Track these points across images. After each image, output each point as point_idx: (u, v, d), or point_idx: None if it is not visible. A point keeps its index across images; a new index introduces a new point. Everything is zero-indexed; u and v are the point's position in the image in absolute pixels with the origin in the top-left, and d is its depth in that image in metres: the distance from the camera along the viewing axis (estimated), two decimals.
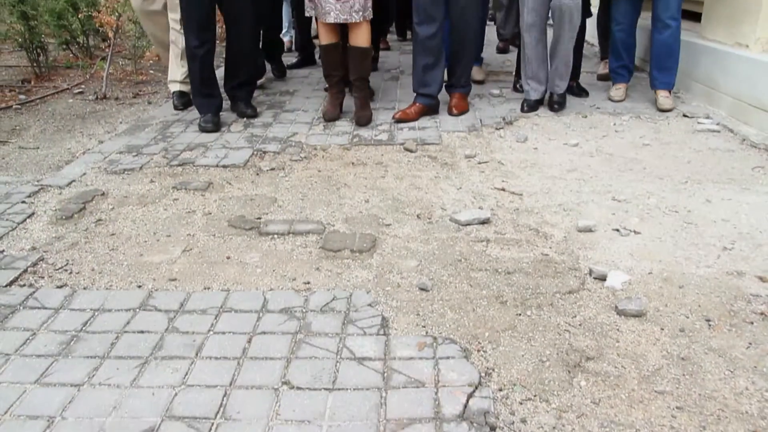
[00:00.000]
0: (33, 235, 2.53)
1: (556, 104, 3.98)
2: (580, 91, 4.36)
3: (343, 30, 3.78)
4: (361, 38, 3.73)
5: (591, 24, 4.45)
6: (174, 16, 4.05)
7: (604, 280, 2.13)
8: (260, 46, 4.54)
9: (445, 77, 4.03)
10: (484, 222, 2.55)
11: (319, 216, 2.64)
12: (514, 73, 4.63)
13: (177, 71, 4.26)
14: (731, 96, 3.84)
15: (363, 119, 3.81)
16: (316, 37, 4.44)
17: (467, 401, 1.57)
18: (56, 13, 5.11)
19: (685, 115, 3.88)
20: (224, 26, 4.00)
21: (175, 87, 4.33)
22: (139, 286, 2.15)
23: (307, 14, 3.80)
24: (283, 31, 5.92)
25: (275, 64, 5.03)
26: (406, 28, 6.68)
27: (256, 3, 3.86)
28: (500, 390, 1.63)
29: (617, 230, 2.48)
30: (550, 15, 3.83)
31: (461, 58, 3.90)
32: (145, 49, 5.65)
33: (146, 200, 2.83)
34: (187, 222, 2.62)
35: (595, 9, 4.57)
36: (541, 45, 3.83)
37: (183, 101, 4.26)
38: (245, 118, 3.95)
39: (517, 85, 4.39)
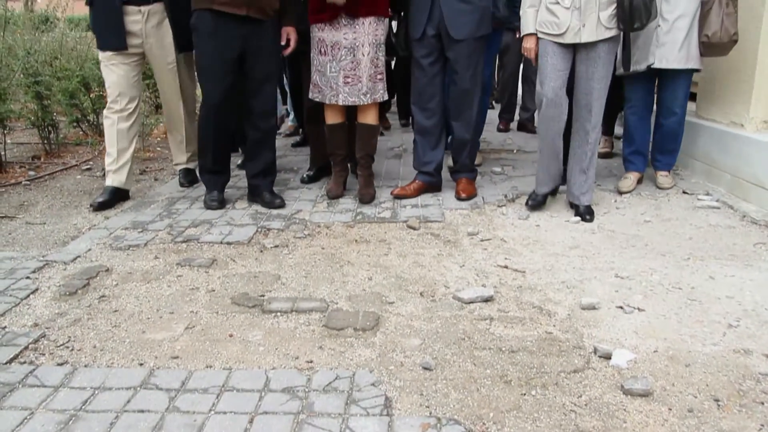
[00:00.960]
0: (36, 311, 2.53)
1: (588, 215, 3.53)
2: None
3: (348, 108, 3.87)
4: (369, 116, 3.83)
5: None
6: (176, 101, 4.15)
7: (609, 358, 2.11)
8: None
9: (450, 162, 4.08)
10: (488, 300, 2.55)
11: (323, 294, 2.64)
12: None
13: (182, 155, 4.35)
14: (729, 173, 3.90)
15: (366, 197, 3.85)
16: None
17: None
18: (69, 93, 5.26)
19: (684, 192, 3.93)
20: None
21: (181, 165, 4.39)
22: (141, 364, 2.13)
23: (311, 97, 3.87)
24: (290, 115, 6.01)
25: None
26: (409, 110, 6.74)
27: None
28: None
29: (621, 307, 2.48)
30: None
31: (465, 141, 3.92)
32: (152, 127, 5.79)
33: (150, 276, 2.84)
34: (191, 299, 2.62)
35: None
36: (560, 137, 3.57)
37: (189, 179, 4.32)
38: (270, 209, 3.78)
39: None
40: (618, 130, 4.96)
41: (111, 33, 3.79)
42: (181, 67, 4.08)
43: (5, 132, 5.08)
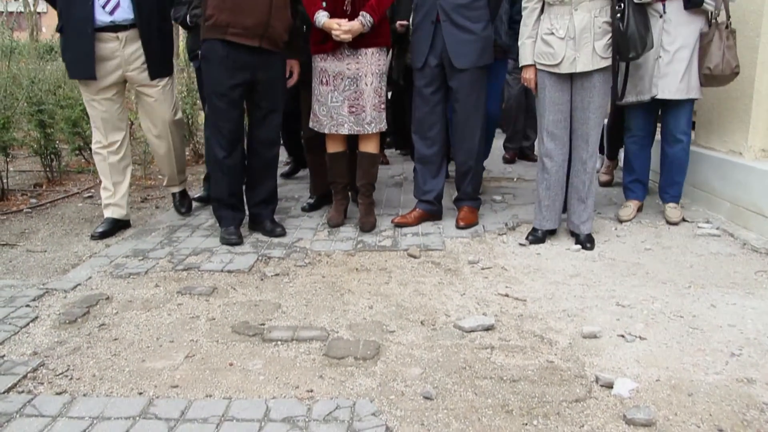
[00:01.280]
0: (35, 339, 2.52)
1: (589, 244, 3.53)
2: None
3: (348, 137, 3.90)
4: (371, 145, 3.85)
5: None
6: (162, 125, 3.98)
7: (611, 387, 2.10)
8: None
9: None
10: (489, 328, 2.54)
11: (323, 322, 2.63)
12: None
13: (174, 181, 4.28)
14: (729, 201, 3.91)
15: (367, 225, 3.86)
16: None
17: None
18: (72, 121, 5.29)
19: (685, 220, 3.93)
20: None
21: (174, 189, 4.31)
22: (140, 393, 2.12)
23: (310, 126, 3.89)
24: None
25: None
26: (407, 140, 6.68)
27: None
28: None
29: (622, 336, 2.47)
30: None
31: (467, 170, 3.94)
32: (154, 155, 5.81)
33: (150, 305, 2.84)
34: (191, 327, 2.61)
35: None
36: (562, 171, 3.58)
37: (186, 204, 4.29)
38: (271, 237, 3.77)
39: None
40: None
41: (81, 61, 3.64)
42: (167, 93, 3.95)
43: (8, 160, 5.11)
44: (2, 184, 4.84)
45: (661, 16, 3.67)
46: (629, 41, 3.23)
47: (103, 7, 3.60)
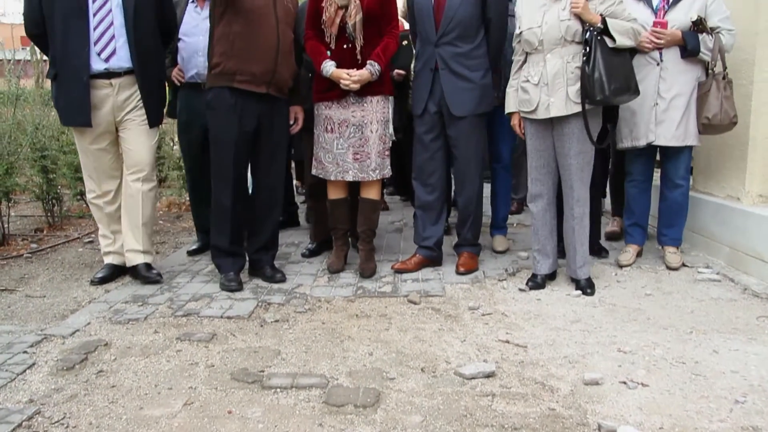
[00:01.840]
0: (32, 386, 2.50)
1: (589, 289, 3.51)
2: (600, 251, 4.20)
3: (349, 183, 3.93)
4: (372, 191, 3.88)
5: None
6: (139, 177, 3.74)
7: None
8: None
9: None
10: (489, 375, 2.52)
11: (323, 369, 2.61)
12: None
13: (138, 238, 3.79)
14: (728, 246, 3.92)
15: (367, 271, 3.86)
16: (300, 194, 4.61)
17: None
18: (74, 167, 5.34)
19: (685, 265, 3.93)
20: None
21: (137, 258, 3.80)
22: None
23: (314, 173, 3.93)
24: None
25: None
26: (408, 186, 6.61)
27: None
28: None
29: (624, 383, 2.45)
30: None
31: (467, 216, 3.96)
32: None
33: (149, 351, 2.82)
34: (190, 374, 2.59)
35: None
36: (549, 214, 3.64)
37: (153, 273, 3.82)
38: (271, 283, 3.76)
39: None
40: None
41: (76, 108, 3.56)
42: (153, 137, 3.83)
43: (10, 205, 5.14)
44: (3, 229, 4.86)
45: (658, 64, 3.74)
46: (595, 84, 3.24)
47: (99, 54, 3.57)
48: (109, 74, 3.61)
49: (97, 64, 3.57)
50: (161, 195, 5.92)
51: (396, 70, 4.50)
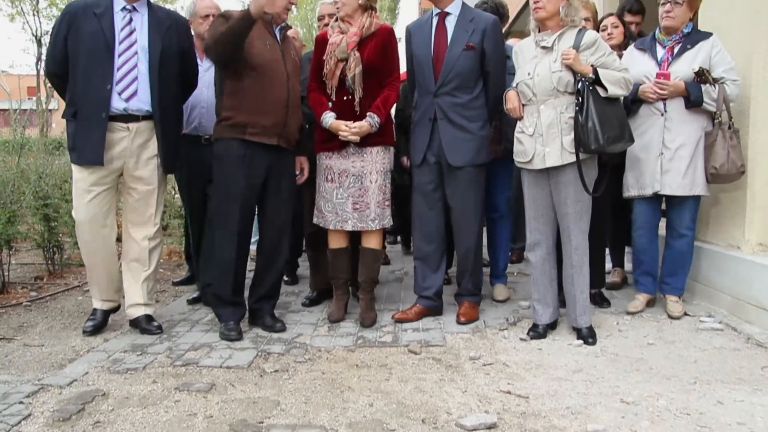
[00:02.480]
0: None
1: (591, 339, 3.49)
2: (602, 301, 4.18)
3: (350, 232, 3.93)
4: (373, 241, 3.89)
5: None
6: (144, 230, 3.75)
7: None
8: None
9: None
10: (491, 427, 2.49)
11: (323, 420, 2.58)
12: None
13: (140, 293, 3.78)
14: (730, 295, 3.91)
15: (368, 321, 3.84)
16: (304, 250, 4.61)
17: None
18: None
19: (687, 314, 3.91)
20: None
21: (138, 312, 3.78)
22: None
23: (315, 222, 3.94)
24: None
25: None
26: (410, 238, 6.48)
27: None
28: None
29: None
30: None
31: (467, 266, 3.95)
32: None
33: (147, 402, 2.78)
34: (188, 425, 2.55)
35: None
36: (548, 264, 3.64)
37: (154, 326, 3.79)
38: (271, 333, 3.73)
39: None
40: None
41: (89, 147, 3.49)
42: (161, 190, 3.80)
43: (11, 253, 5.14)
44: (3, 277, 4.85)
45: (662, 115, 3.80)
46: (589, 133, 3.28)
47: (120, 93, 3.54)
48: (127, 117, 3.57)
49: (117, 103, 3.53)
50: (163, 242, 5.92)
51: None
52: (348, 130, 3.67)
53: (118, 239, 4.02)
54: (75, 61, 3.54)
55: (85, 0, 3.62)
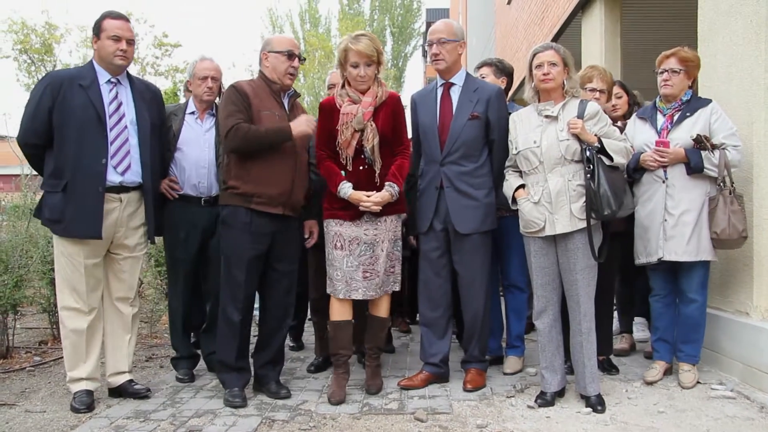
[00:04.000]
0: None
1: (599, 406, 3.43)
2: (610, 368, 4.13)
3: (356, 301, 3.82)
4: (381, 308, 3.84)
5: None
6: (127, 297, 3.77)
7: None
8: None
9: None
10: None
11: None
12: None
13: (125, 360, 3.78)
14: (741, 362, 3.86)
15: (373, 388, 3.78)
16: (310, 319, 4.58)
17: None
18: None
19: (698, 382, 3.85)
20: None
21: (122, 379, 3.76)
22: None
23: (328, 291, 3.79)
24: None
25: None
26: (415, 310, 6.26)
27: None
28: None
29: None
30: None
31: (473, 333, 3.92)
32: (161, 314, 5.83)
33: None
34: None
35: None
36: (555, 330, 3.62)
37: (142, 388, 3.77)
38: (276, 399, 3.69)
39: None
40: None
41: (85, 220, 3.47)
42: (144, 258, 3.77)
43: (16, 317, 5.13)
44: (7, 341, 4.83)
45: (663, 182, 3.83)
46: (602, 199, 3.34)
47: (115, 167, 3.58)
48: (120, 188, 3.62)
49: (113, 176, 3.58)
50: (165, 309, 5.89)
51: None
52: (369, 200, 3.63)
53: None
54: (63, 133, 3.51)
55: (67, 71, 3.71)
